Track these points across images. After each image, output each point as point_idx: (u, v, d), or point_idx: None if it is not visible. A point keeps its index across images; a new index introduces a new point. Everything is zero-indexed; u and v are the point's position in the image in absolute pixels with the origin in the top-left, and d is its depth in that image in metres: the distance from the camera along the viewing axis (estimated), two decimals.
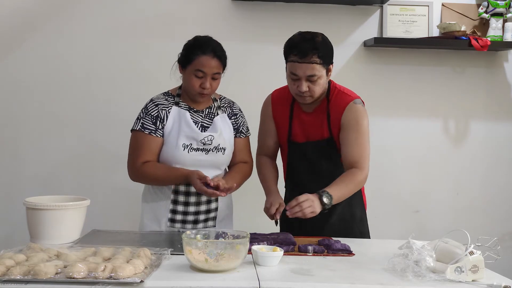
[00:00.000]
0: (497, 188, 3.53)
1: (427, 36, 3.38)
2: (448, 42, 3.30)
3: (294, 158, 2.45)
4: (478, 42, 3.23)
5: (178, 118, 2.34)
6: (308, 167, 2.43)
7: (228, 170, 2.50)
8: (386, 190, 3.46)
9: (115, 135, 3.20)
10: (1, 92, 3.31)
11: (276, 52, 3.34)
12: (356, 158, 2.30)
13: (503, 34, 3.33)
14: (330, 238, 2.23)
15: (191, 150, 2.31)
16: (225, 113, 2.42)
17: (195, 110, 2.38)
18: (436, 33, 3.38)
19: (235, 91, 3.28)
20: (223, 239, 1.90)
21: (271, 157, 2.52)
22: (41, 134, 3.33)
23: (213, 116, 2.40)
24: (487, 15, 3.36)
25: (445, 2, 3.42)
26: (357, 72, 3.37)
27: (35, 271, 1.62)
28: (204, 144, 2.32)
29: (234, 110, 2.46)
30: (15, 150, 3.34)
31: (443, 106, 3.48)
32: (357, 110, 2.32)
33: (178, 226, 2.37)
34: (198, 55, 2.26)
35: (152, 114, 2.33)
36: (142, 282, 1.61)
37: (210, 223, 2.41)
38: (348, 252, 2.07)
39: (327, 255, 2.05)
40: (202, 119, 2.37)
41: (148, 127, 2.31)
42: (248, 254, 1.86)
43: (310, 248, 2.06)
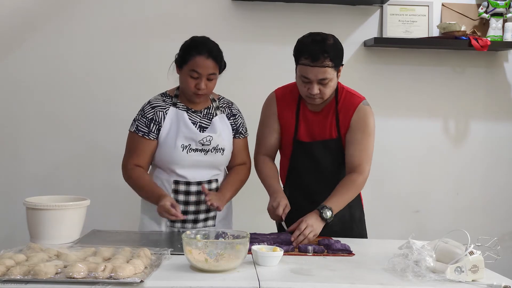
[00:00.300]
0: (497, 188, 3.53)
1: (427, 36, 3.38)
2: (448, 42, 3.30)
3: (299, 157, 2.43)
4: (478, 42, 3.23)
5: (176, 119, 2.34)
6: (312, 167, 2.42)
7: (227, 171, 2.50)
8: (386, 190, 3.46)
9: (115, 135, 3.20)
10: (1, 92, 3.31)
11: (276, 52, 3.37)
12: (358, 161, 2.32)
13: (503, 34, 3.33)
14: (330, 238, 2.24)
15: (190, 151, 2.32)
16: (223, 113, 2.42)
17: (193, 110, 2.38)
18: (436, 33, 3.38)
19: (235, 91, 3.28)
20: (223, 239, 1.90)
21: (271, 156, 2.51)
22: (41, 134, 3.33)
23: (211, 116, 2.39)
24: (487, 15, 3.36)
25: (445, 2, 3.42)
26: (357, 72, 3.37)
27: (35, 271, 1.62)
28: (202, 144, 2.32)
29: (233, 111, 2.45)
30: (15, 150, 3.34)
31: (443, 106, 3.48)
32: (366, 111, 2.35)
33: (178, 225, 2.37)
34: (193, 56, 2.26)
35: (147, 116, 2.33)
36: (142, 282, 1.61)
37: (210, 223, 2.41)
38: (348, 252, 2.07)
39: (327, 255, 2.05)
40: (201, 120, 2.37)
41: (141, 129, 2.33)
42: (248, 254, 1.86)
43: (310, 248, 2.06)
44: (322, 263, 1.94)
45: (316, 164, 2.42)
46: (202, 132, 2.34)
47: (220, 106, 2.42)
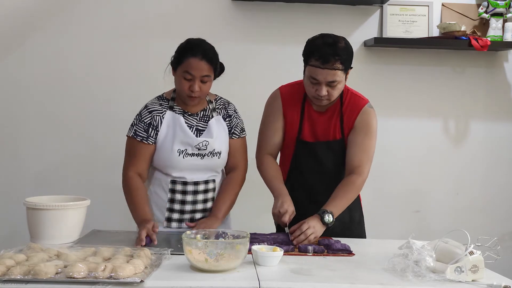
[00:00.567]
0: (497, 188, 3.53)
1: (427, 36, 3.38)
2: (448, 42, 3.30)
3: (302, 157, 2.42)
4: (478, 42, 3.23)
5: (173, 123, 2.33)
6: (315, 167, 2.42)
7: (223, 173, 2.48)
8: (386, 190, 3.46)
9: (115, 135, 3.19)
10: (1, 92, 3.31)
11: (276, 52, 3.37)
12: (358, 162, 2.32)
13: (503, 34, 3.33)
14: (330, 238, 2.24)
15: (186, 156, 2.32)
16: (220, 115, 2.40)
17: (190, 114, 2.37)
18: (436, 33, 3.38)
19: (235, 91, 3.29)
20: (223, 239, 1.90)
21: (274, 155, 2.48)
22: (41, 134, 3.33)
23: (208, 119, 2.38)
24: (487, 15, 3.36)
25: (445, 2, 3.42)
26: (357, 72, 3.35)
27: (35, 271, 1.62)
28: (199, 149, 2.32)
29: (229, 111, 2.43)
30: (15, 150, 3.34)
31: (443, 106, 3.48)
32: (370, 114, 2.36)
33: (174, 225, 2.38)
34: (187, 57, 2.25)
35: (145, 121, 2.33)
36: (142, 282, 1.62)
37: None
38: (348, 252, 2.07)
39: (327, 255, 2.05)
40: (197, 123, 2.36)
41: (140, 134, 2.32)
42: (248, 254, 1.86)
43: (310, 248, 2.06)
44: (322, 263, 1.94)
45: (319, 164, 2.41)
46: (199, 135, 2.34)
47: (216, 107, 2.41)
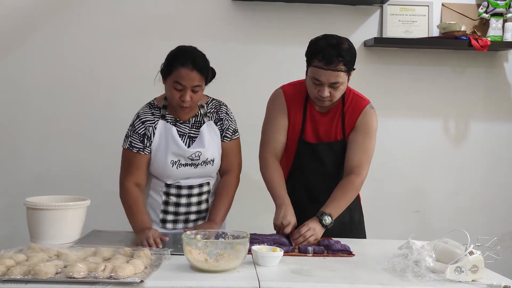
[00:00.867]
0: (497, 188, 3.53)
1: (427, 36, 3.38)
2: (448, 42, 3.30)
3: (304, 158, 2.42)
4: (478, 42, 3.23)
5: (165, 134, 2.32)
6: (317, 168, 2.42)
7: (218, 174, 2.48)
8: (386, 190, 3.45)
9: (115, 135, 3.18)
10: (1, 92, 3.31)
11: (276, 52, 3.37)
12: (358, 162, 2.32)
13: (503, 34, 3.33)
14: (330, 238, 2.24)
15: (180, 166, 2.31)
16: (211, 120, 2.37)
17: (181, 122, 2.35)
18: (436, 33, 3.38)
19: (235, 91, 3.30)
20: (223, 239, 1.90)
21: (278, 156, 2.44)
22: (41, 134, 3.33)
23: (199, 125, 2.36)
24: (487, 15, 3.36)
25: (445, 2, 3.42)
26: (357, 72, 3.33)
27: (35, 271, 1.62)
28: (192, 159, 2.32)
29: (220, 115, 2.39)
30: (15, 150, 3.34)
31: (443, 106, 3.48)
32: (371, 115, 2.36)
33: (169, 227, 2.38)
34: (177, 67, 2.21)
35: (139, 132, 2.31)
36: (142, 282, 1.62)
37: (200, 223, 2.42)
38: (348, 252, 2.07)
39: (327, 256, 2.05)
40: (189, 130, 2.35)
41: (136, 146, 2.31)
42: (248, 254, 1.86)
43: (310, 248, 2.06)
44: (322, 264, 1.94)
45: (321, 165, 2.41)
46: (192, 143, 2.33)
47: (208, 112, 2.38)
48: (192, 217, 2.39)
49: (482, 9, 3.37)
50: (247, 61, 3.35)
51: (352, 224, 2.48)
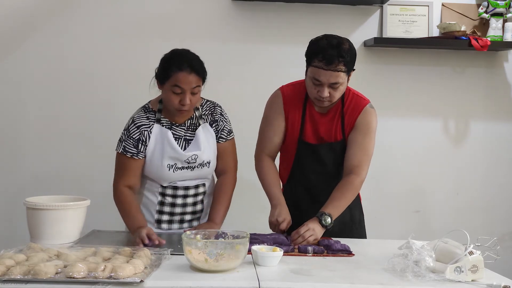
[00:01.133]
0: (497, 188, 3.53)
1: (427, 36, 3.38)
2: (448, 42, 3.30)
3: (304, 158, 2.42)
4: (478, 42, 3.23)
5: (161, 138, 2.31)
6: (318, 168, 2.41)
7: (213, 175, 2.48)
8: (386, 190, 3.45)
9: (116, 135, 3.16)
10: (1, 92, 3.31)
11: (276, 52, 3.37)
12: (357, 162, 2.32)
13: (503, 34, 3.33)
14: (330, 238, 2.24)
15: (176, 170, 2.32)
16: (206, 122, 2.38)
17: (177, 125, 2.35)
18: (436, 33, 3.38)
19: (235, 91, 3.30)
20: (223, 239, 1.90)
21: (273, 156, 2.47)
22: (41, 134, 3.33)
23: (195, 127, 2.36)
24: (487, 15, 3.36)
25: (445, 2, 3.42)
26: (357, 72, 3.34)
27: (35, 271, 1.62)
28: (188, 163, 2.32)
29: (215, 116, 2.40)
30: (16, 150, 3.34)
31: (443, 106, 3.48)
32: (371, 114, 2.36)
33: (165, 227, 2.39)
34: (174, 71, 2.21)
35: (133, 137, 2.31)
36: (142, 282, 1.62)
37: (195, 223, 2.43)
38: (348, 252, 2.07)
39: (327, 256, 2.05)
40: (185, 133, 2.35)
41: (130, 150, 2.31)
42: (248, 254, 1.86)
43: (310, 248, 2.06)
44: (322, 264, 1.94)
45: (321, 165, 2.41)
46: (187, 145, 2.33)
47: (203, 114, 2.38)
48: (187, 217, 2.40)
49: (482, 9, 3.37)
50: (247, 61, 3.35)
51: (352, 223, 2.47)
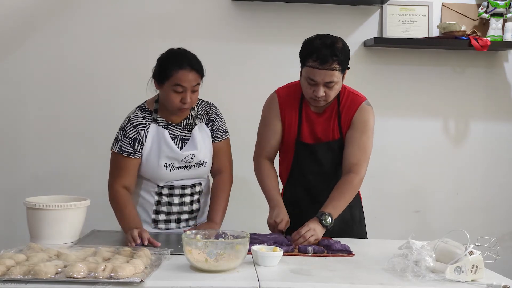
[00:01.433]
0: (497, 188, 3.53)
1: (427, 36, 3.38)
2: (448, 42, 3.30)
3: (303, 159, 2.42)
4: (478, 42, 3.23)
5: (157, 138, 2.31)
6: (316, 168, 2.41)
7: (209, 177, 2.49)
8: (386, 190, 3.45)
9: (115, 135, 3.20)
10: (1, 92, 3.31)
11: (276, 52, 3.37)
12: (355, 160, 2.31)
13: (503, 34, 3.33)
14: (330, 238, 2.24)
15: (174, 169, 2.32)
16: (202, 121, 2.38)
17: (173, 124, 2.35)
18: (436, 33, 3.38)
19: (235, 91, 3.30)
20: (223, 239, 1.90)
21: (272, 159, 2.49)
22: (41, 134, 3.33)
23: (191, 127, 2.36)
24: (487, 15, 3.36)
25: (445, 2, 3.42)
26: (357, 72, 3.36)
27: (35, 271, 1.62)
28: (185, 162, 2.32)
29: (210, 116, 2.40)
30: (16, 150, 3.34)
31: (443, 106, 3.48)
32: (368, 111, 2.35)
33: (162, 227, 2.38)
34: (175, 70, 2.21)
35: (130, 136, 2.30)
36: (142, 282, 1.62)
37: (191, 222, 2.43)
38: (348, 252, 2.07)
39: (327, 256, 2.05)
40: (181, 132, 2.35)
41: (126, 150, 2.30)
42: (248, 254, 1.86)
43: (310, 248, 2.06)
44: (322, 264, 1.94)
45: (320, 165, 2.41)
46: (184, 145, 2.33)
47: (198, 114, 2.38)
48: (184, 216, 2.40)
49: (482, 9, 3.37)
50: (247, 61, 3.35)
51: (353, 222, 2.47)
